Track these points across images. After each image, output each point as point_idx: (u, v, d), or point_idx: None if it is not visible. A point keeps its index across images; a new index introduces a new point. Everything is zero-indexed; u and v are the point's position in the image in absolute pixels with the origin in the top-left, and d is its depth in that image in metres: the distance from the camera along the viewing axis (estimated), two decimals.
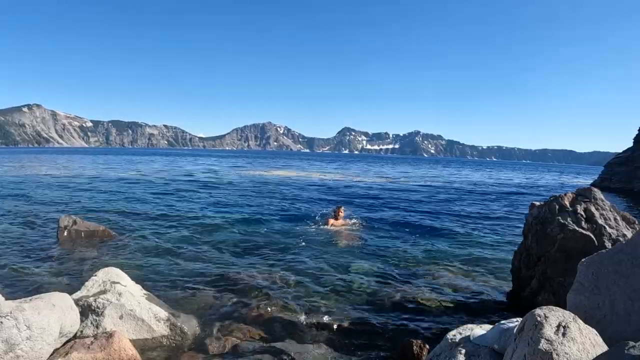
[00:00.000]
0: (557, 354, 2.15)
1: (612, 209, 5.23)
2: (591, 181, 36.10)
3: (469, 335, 3.03)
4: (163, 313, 4.22)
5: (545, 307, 2.49)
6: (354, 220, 11.05)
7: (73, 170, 29.61)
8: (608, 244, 4.67)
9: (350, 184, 24.80)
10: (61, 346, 3.45)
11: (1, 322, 2.97)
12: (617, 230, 4.95)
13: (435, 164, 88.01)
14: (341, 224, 10.72)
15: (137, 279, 4.96)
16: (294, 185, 22.33)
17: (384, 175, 36.66)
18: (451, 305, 5.41)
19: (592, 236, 4.82)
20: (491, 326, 3.03)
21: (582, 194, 5.37)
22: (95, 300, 3.94)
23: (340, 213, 11.01)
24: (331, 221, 10.72)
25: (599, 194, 5.34)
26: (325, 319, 4.80)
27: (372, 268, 6.92)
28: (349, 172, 39.03)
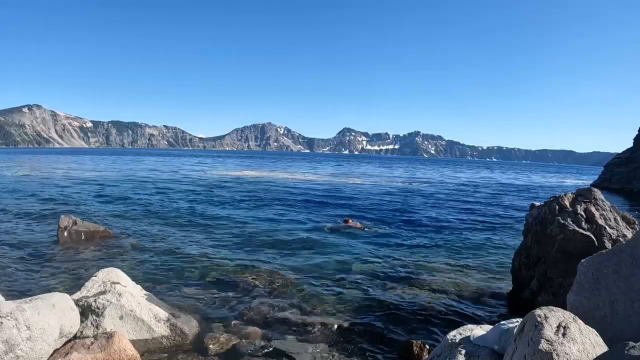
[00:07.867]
0: (557, 355, 2.15)
1: (612, 209, 5.23)
2: (591, 181, 36.09)
3: (469, 336, 3.03)
4: (163, 313, 4.22)
5: (545, 307, 2.49)
6: (358, 224, 11.02)
7: (72, 171, 29.62)
8: (608, 244, 4.67)
9: (351, 185, 24.79)
10: (61, 346, 3.45)
11: (1, 323, 2.96)
12: (617, 230, 4.95)
13: (435, 165, 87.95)
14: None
15: (137, 280, 4.97)
16: (295, 187, 22.31)
17: (385, 175, 36.64)
18: (451, 305, 5.41)
19: (592, 236, 4.82)
20: (491, 326, 3.02)
21: (582, 194, 5.37)
22: (95, 301, 3.94)
23: (349, 223, 10.94)
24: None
25: (599, 194, 5.33)
26: (325, 319, 4.80)
27: (372, 269, 6.92)
28: (349, 173, 38.98)
